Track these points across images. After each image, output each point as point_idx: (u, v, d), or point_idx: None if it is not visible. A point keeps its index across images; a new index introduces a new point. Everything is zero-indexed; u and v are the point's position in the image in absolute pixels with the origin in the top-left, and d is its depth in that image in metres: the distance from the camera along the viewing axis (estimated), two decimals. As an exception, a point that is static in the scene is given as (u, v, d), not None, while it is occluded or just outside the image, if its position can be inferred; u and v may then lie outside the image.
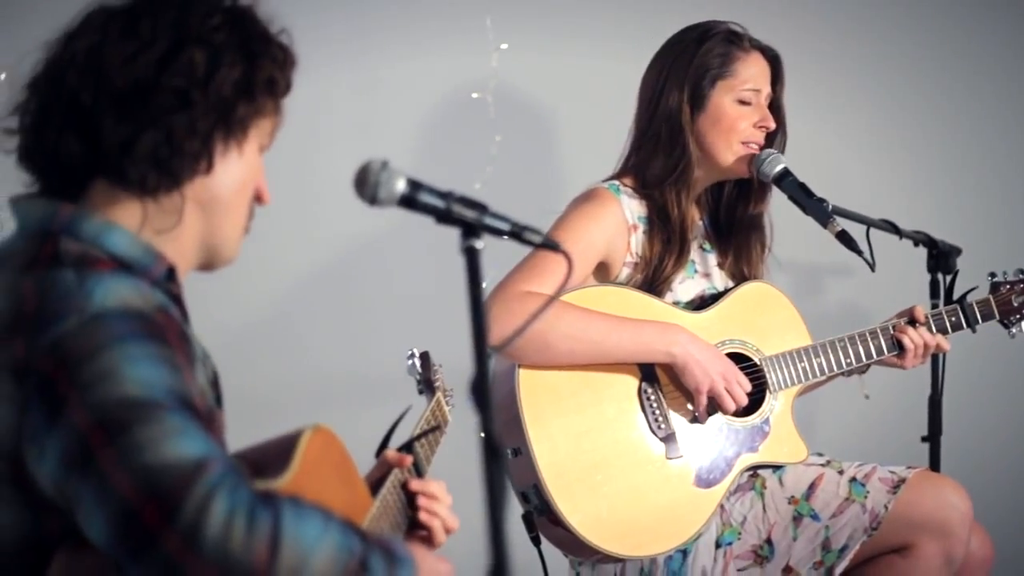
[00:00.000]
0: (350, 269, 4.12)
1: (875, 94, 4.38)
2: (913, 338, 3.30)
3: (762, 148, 3.25)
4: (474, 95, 4.08)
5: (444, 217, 1.92)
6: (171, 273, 1.90)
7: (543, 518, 3.03)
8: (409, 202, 1.91)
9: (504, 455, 1.82)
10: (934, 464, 3.41)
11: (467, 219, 1.91)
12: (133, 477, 1.65)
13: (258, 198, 1.98)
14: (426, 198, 1.91)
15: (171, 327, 1.78)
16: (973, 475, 3.32)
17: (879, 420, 4.03)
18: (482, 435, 1.76)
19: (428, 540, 2.27)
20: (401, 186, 1.90)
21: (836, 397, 3.56)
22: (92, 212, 1.85)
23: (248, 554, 1.63)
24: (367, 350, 4.01)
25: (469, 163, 4.05)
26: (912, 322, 3.33)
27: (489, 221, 1.93)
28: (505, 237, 1.97)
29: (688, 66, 3.23)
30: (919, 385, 3.44)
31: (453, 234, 1.93)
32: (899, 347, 3.31)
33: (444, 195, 1.92)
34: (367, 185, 1.90)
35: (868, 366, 3.36)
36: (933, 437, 3.44)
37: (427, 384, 2.73)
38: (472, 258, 1.89)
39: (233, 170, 1.91)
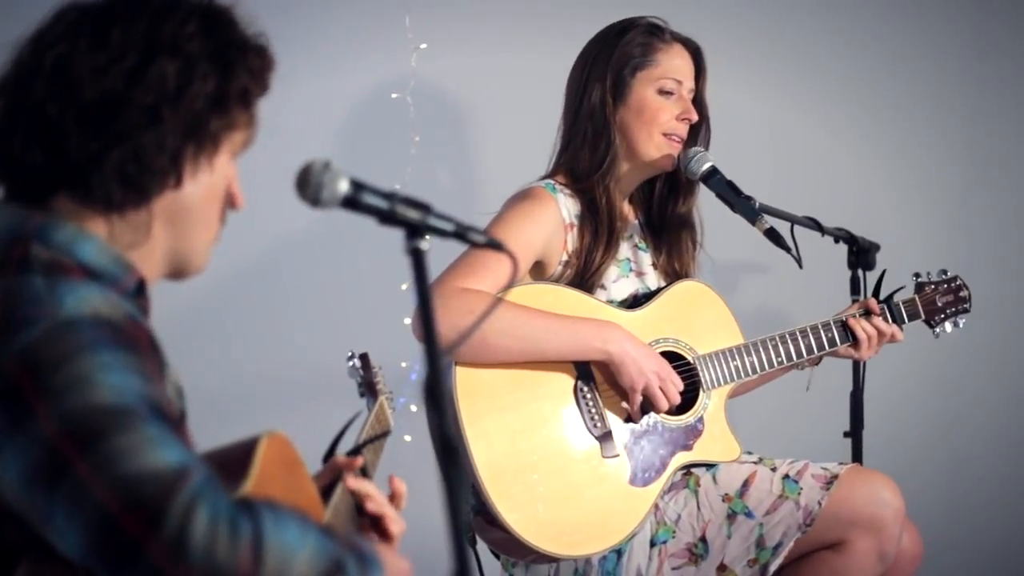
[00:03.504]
0: (279, 270, 4.10)
1: (798, 93, 4.41)
2: (865, 328, 3.34)
3: (685, 141, 3.26)
4: (393, 95, 4.05)
5: (388, 218, 1.87)
6: (141, 287, 1.85)
7: (478, 518, 3.01)
8: (352, 203, 1.86)
9: (460, 455, 1.80)
10: (856, 460, 3.41)
11: (411, 220, 1.87)
12: (113, 486, 1.60)
13: (231, 204, 1.93)
14: (369, 199, 1.86)
15: (141, 336, 1.73)
16: (894, 470, 3.32)
17: (800, 416, 4.05)
18: (438, 435, 1.74)
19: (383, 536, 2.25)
20: (344, 187, 1.85)
21: (756, 394, 3.57)
22: (64, 220, 1.80)
23: (233, 560, 1.60)
24: (306, 352, 3.99)
25: (388, 164, 4.02)
26: (867, 313, 3.37)
27: (433, 222, 1.89)
28: (450, 238, 1.95)
29: (610, 58, 3.24)
30: (840, 380, 3.45)
31: (388, 234, 1.90)
32: (852, 337, 3.34)
33: (388, 196, 1.87)
34: (309, 186, 1.84)
35: (821, 358, 3.39)
36: (855, 432, 3.44)
37: (369, 387, 2.68)
38: (418, 259, 1.86)
39: (203, 182, 1.86)
